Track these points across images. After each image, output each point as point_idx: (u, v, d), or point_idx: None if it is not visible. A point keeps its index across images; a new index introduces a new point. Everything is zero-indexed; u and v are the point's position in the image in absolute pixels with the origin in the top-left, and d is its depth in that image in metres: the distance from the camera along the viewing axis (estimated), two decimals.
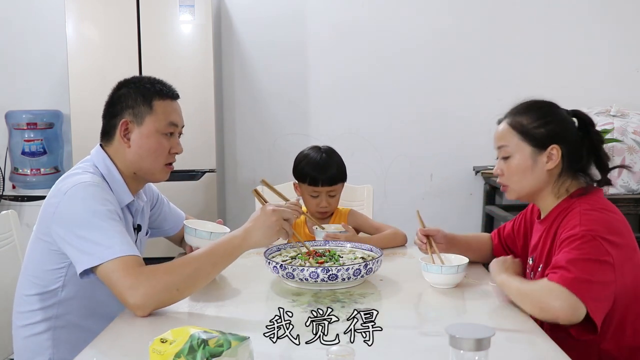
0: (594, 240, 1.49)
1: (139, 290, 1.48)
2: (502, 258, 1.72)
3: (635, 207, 3.26)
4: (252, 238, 1.64)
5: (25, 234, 2.26)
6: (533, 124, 1.66)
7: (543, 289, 1.46)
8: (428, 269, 1.74)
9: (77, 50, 3.43)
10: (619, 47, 3.85)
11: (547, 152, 1.64)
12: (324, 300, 1.64)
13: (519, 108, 1.72)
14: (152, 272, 1.52)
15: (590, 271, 1.45)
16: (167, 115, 1.77)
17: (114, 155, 1.77)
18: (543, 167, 1.65)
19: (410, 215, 3.90)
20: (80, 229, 1.56)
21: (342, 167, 2.33)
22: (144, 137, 1.75)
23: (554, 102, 1.74)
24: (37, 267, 1.69)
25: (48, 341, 1.71)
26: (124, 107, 1.75)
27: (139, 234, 1.87)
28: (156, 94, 1.77)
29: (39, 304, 1.70)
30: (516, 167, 1.68)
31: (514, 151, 1.68)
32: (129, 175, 1.78)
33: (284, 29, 3.91)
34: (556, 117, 1.68)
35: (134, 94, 1.76)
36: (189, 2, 3.41)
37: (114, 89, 1.82)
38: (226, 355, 1.03)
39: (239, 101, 3.95)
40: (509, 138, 1.69)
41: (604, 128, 3.27)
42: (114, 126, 1.76)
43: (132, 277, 1.49)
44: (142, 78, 1.83)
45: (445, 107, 3.91)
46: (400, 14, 3.88)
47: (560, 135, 1.65)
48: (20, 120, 3.71)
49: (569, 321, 1.42)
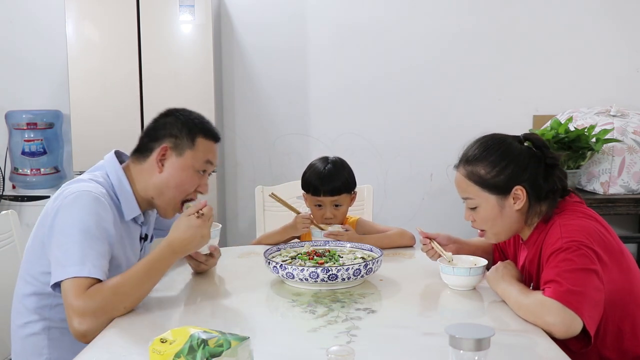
0: (579, 249, 1.49)
1: (86, 316, 1.47)
2: (496, 267, 1.70)
3: (635, 207, 3.26)
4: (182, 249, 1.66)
5: (25, 234, 2.26)
6: (491, 173, 1.64)
7: (537, 304, 1.46)
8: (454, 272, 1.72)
9: (77, 50, 3.43)
10: (619, 47, 3.84)
11: (511, 194, 1.63)
12: (324, 300, 1.64)
13: (471, 155, 1.68)
14: (101, 296, 1.50)
15: (582, 282, 1.46)
16: (205, 154, 1.79)
17: (138, 173, 1.77)
18: (512, 209, 1.65)
19: (410, 216, 3.94)
20: (62, 236, 1.57)
21: (348, 179, 2.27)
22: (178, 169, 1.75)
23: (503, 138, 1.70)
24: (34, 267, 1.70)
25: (45, 341, 1.71)
26: (167, 135, 1.76)
27: (144, 243, 1.88)
28: (201, 132, 1.79)
29: (35, 304, 1.70)
30: (485, 216, 1.67)
31: (479, 202, 1.67)
32: (144, 197, 1.78)
33: (284, 30, 3.91)
34: (511, 158, 1.64)
35: (181, 125, 1.77)
36: (189, 2, 3.41)
37: (162, 114, 1.83)
38: (226, 355, 1.03)
39: (239, 101, 3.95)
40: (471, 190, 1.67)
41: (604, 128, 3.27)
42: (151, 149, 1.76)
43: (81, 300, 1.48)
44: (192, 112, 1.84)
45: (445, 107, 3.91)
46: (400, 15, 3.88)
47: (519, 175, 1.63)
48: (20, 120, 3.71)
49: (565, 335, 1.43)
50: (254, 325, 1.52)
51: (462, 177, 1.69)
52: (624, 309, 1.56)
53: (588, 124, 3.29)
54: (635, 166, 3.27)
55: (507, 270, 1.66)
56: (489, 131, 1.78)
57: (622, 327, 1.56)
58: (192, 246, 1.67)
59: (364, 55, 3.90)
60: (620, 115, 3.37)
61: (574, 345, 1.49)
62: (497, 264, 1.71)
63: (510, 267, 1.68)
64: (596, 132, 3.24)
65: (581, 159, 3.26)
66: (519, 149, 1.67)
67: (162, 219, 2.01)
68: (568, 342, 1.47)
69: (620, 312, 1.55)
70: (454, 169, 1.74)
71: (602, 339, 1.54)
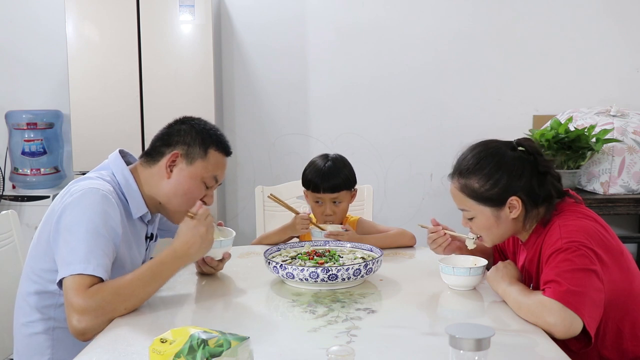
0: (578, 249, 1.49)
1: (86, 314, 1.48)
2: (496, 267, 1.70)
3: (635, 207, 3.26)
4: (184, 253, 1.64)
5: (25, 234, 2.27)
6: (484, 186, 1.63)
7: (537, 304, 1.46)
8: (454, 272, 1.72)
9: (77, 50, 3.43)
10: (619, 47, 3.84)
11: (507, 204, 1.63)
12: (324, 300, 1.64)
13: (464, 168, 1.68)
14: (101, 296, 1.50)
15: (582, 282, 1.46)
16: (216, 167, 1.78)
17: (147, 176, 1.76)
18: (508, 218, 1.65)
19: (411, 216, 3.94)
20: (67, 233, 1.57)
21: (348, 176, 2.27)
22: (187, 177, 1.75)
23: (496, 148, 1.68)
24: (37, 265, 1.69)
25: (47, 341, 1.71)
26: (180, 142, 1.76)
27: (149, 242, 1.88)
28: (215, 144, 1.78)
29: (38, 303, 1.70)
30: (481, 226, 1.68)
31: (475, 213, 1.67)
32: (152, 200, 1.77)
33: (284, 30, 3.91)
34: (504, 169, 1.63)
35: (195, 133, 1.76)
36: (189, 2, 3.41)
37: (178, 120, 1.82)
38: (226, 355, 1.03)
39: (239, 101, 3.95)
40: (466, 203, 1.68)
41: (604, 128, 3.27)
42: (162, 153, 1.76)
43: (81, 298, 1.48)
44: (207, 123, 1.83)
45: (445, 107, 3.91)
46: (400, 15, 3.88)
47: (513, 186, 1.62)
48: (20, 120, 3.71)
49: (566, 336, 1.43)
50: (254, 325, 1.52)
51: (456, 190, 1.70)
52: (623, 309, 1.56)
53: (588, 124, 3.29)
54: (635, 166, 3.27)
55: (507, 271, 1.66)
56: (489, 131, 1.79)
57: (621, 327, 1.57)
58: (195, 249, 1.65)
59: (364, 55, 3.90)
60: (620, 115, 3.37)
61: (574, 345, 1.49)
62: (497, 264, 1.71)
63: (511, 267, 1.68)
64: (596, 132, 3.24)
65: (581, 159, 3.26)
66: (512, 157, 1.66)
67: (166, 221, 2.01)
68: (568, 342, 1.47)
69: (620, 312, 1.55)
70: (448, 178, 1.74)
71: (602, 339, 1.54)
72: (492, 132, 1.77)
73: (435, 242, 1.90)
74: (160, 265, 1.60)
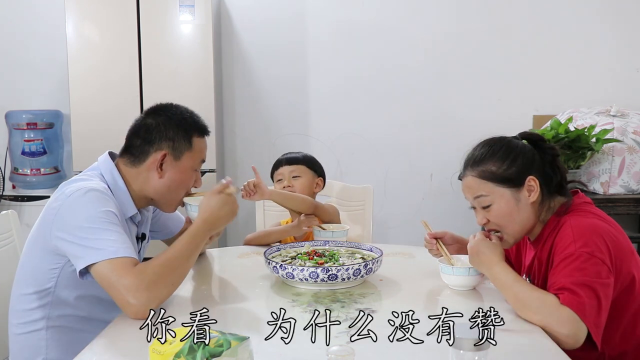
0: (592, 258, 1.48)
1: (140, 291, 1.48)
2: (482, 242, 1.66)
3: (635, 207, 3.26)
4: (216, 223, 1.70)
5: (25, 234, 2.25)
6: (502, 167, 1.64)
7: (550, 309, 1.44)
8: (454, 272, 1.72)
9: (77, 50, 3.43)
10: (619, 47, 3.84)
11: (525, 186, 1.63)
12: (324, 300, 1.64)
13: (477, 157, 1.68)
14: (151, 270, 1.52)
15: (596, 293, 1.45)
16: (201, 152, 1.82)
17: (133, 176, 1.76)
18: (527, 202, 1.64)
19: (411, 216, 3.94)
20: (81, 231, 1.57)
21: (310, 158, 2.41)
22: (179, 172, 1.77)
23: (503, 137, 1.72)
24: (33, 266, 1.70)
25: (42, 341, 1.71)
26: (164, 138, 1.75)
27: (142, 243, 1.88)
28: (196, 131, 1.80)
29: (34, 302, 1.70)
30: (501, 212, 1.65)
31: (494, 199, 1.65)
32: (142, 196, 1.78)
33: (284, 30, 3.91)
34: (517, 151, 1.66)
35: (175, 126, 1.76)
36: (189, 2, 3.41)
37: (150, 112, 1.81)
38: (226, 355, 1.03)
39: (239, 101, 3.95)
40: (484, 188, 1.66)
41: (604, 128, 3.27)
42: (146, 152, 1.75)
43: (132, 276, 1.49)
44: (180, 108, 1.82)
45: (445, 107, 3.91)
46: (400, 15, 3.88)
47: (529, 165, 1.64)
48: (20, 120, 3.71)
49: (571, 347, 1.42)
50: (254, 325, 1.52)
51: (473, 178, 1.68)
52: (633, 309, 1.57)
53: (588, 124, 3.29)
54: (635, 166, 3.27)
55: (496, 249, 1.63)
56: (489, 131, 1.79)
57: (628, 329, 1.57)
58: (224, 221, 1.72)
59: (364, 55, 3.90)
60: (620, 115, 3.37)
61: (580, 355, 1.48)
62: (478, 236, 1.68)
63: (497, 246, 1.65)
64: (596, 132, 3.24)
65: (581, 159, 3.26)
66: (521, 144, 1.69)
67: (157, 221, 2.01)
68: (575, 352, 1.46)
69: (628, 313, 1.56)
70: (459, 178, 1.74)
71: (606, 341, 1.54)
72: (492, 132, 1.77)
73: (430, 250, 1.92)
74: (196, 236, 1.65)
